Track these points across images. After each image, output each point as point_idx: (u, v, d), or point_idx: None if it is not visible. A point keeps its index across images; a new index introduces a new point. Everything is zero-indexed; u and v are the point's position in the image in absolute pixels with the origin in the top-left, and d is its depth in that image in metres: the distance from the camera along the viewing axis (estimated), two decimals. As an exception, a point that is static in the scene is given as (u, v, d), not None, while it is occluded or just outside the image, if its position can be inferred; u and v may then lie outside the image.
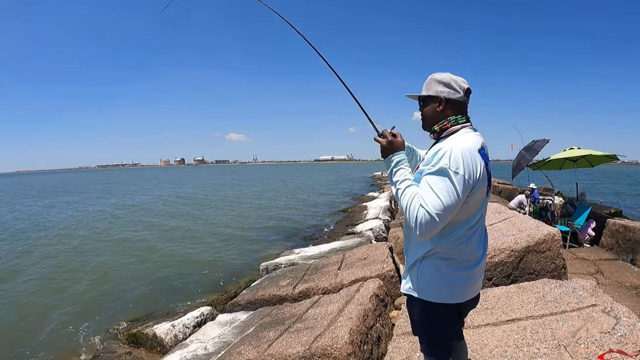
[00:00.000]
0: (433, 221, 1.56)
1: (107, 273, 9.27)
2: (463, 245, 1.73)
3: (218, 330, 4.94)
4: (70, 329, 6.18)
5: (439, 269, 1.75)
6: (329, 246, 9.02)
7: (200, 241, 12.67)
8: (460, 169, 1.58)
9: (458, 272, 1.75)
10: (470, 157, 1.62)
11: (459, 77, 1.81)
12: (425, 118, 1.89)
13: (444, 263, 1.74)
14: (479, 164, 1.65)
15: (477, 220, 1.77)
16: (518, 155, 9.47)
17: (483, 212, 1.81)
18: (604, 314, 3.05)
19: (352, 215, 15.39)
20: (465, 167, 1.59)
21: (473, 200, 1.68)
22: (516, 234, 4.91)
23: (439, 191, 1.58)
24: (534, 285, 3.94)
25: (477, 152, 1.67)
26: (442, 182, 1.59)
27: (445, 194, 1.57)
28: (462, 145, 1.64)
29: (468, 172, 1.60)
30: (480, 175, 1.65)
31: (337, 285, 5.20)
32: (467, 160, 1.60)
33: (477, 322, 3.38)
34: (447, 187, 1.58)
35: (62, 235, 14.41)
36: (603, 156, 8.91)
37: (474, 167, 1.62)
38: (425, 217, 1.57)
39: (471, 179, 1.60)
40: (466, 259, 1.76)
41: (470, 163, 1.61)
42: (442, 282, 1.75)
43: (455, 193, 1.57)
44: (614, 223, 7.45)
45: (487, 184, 1.73)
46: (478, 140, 1.73)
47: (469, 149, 1.65)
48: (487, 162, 1.72)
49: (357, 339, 3.42)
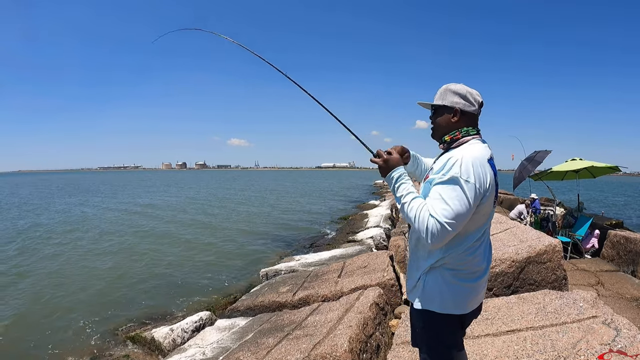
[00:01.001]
0: (444, 230, 1.57)
1: (106, 276, 9.26)
2: (470, 257, 1.75)
3: (217, 335, 4.92)
4: (68, 330, 6.17)
5: (445, 279, 1.76)
6: (329, 253, 8.99)
7: (200, 245, 12.65)
8: (471, 177, 1.60)
9: (463, 284, 1.76)
10: (481, 167, 1.64)
11: (474, 90, 1.83)
12: (437, 127, 1.89)
13: (450, 274, 1.75)
14: (489, 173, 1.68)
15: (484, 232, 1.79)
16: (520, 165, 9.46)
17: (489, 224, 1.82)
18: (604, 325, 3.04)
19: (353, 222, 15.36)
20: (476, 176, 1.61)
21: (482, 211, 1.70)
22: (517, 244, 4.91)
23: (450, 200, 1.60)
24: (534, 296, 3.94)
25: (487, 162, 1.70)
26: (453, 191, 1.61)
27: (456, 203, 1.59)
28: (473, 155, 1.67)
29: (479, 181, 1.62)
30: (490, 185, 1.67)
31: (337, 293, 5.18)
32: (477, 169, 1.63)
33: (477, 332, 3.37)
34: (458, 195, 1.60)
35: (63, 236, 14.37)
36: (605, 167, 8.91)
37: (484, 176, 1.64)
38: (435, 226, 1.58)
39: (482, 187, 1.63)
40: (472, 270, 1.77)
41: (481, 172, 1.63)
42: (447, 292, 1.76)
43: (466, 202, 1.59)
44: (615, 234, 7.43)
45: (495, 194, 1.75)
46: (487, 151, 1.76)
47: (480, 158, 1.67)
48: (495, 172, 1.75)
49: (357, 347, 3.40)
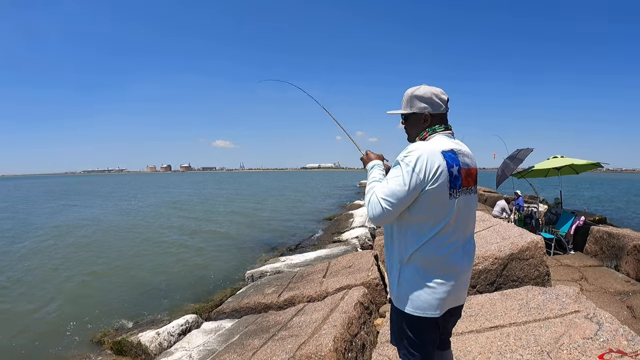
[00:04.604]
0: (379, 205, 1.69)
1: (92, 280, 9.10)
2: (438, 256, 1.73)
3: (203, 338, 4.88)
4: (53, 337, 6.03)
5: (415, 279, 1.76)
6: (314, 254, 8.99)
7: (185, 249, 12.51)
8: (412, 162, 1.67)
9: (433, 284, 1.74)
10: (428, 155, 1.68)
11: (437, 89, 1.86)
12: (410, 133, 1.95)
13: (419, 273, 1.75)
14: (437, 162, 1.68)
15: (448, 228, 1.74)
16: (502, 164, 9.56)
17: (457, 220, 1.76)
18: (586, 320, 3.08)
19: (338, 223, 15.36)
20: (418, 161, 1.66)
21: (431, 199, 1.68)
22: (500, 241, 4.95)
23: (390, 180, 1.71)
24: (517, 292, 3.97)
25: (440, 152, 1.70)
26: (393, 172, 1.73)
27: (392, 182, 1.69)
28: (424, 145, 1.73)
29: (420, 166, 1.66)
30: (437, 174, 1.67)
31: (322, 293, 5.17)
32: (422, 156, 1.67)
33: (461, 329, 3.38)
34: (396, 176, 1.69)
35: (45, 240, 14.12)
36: (587, 164, 9.05)
37: (429, 163, 1.66)
38: (373, 202, 1.72)
39: (422, 173, 1.65)
40: (443, 270, 1.75)
41: (426, 160, 1.67)
42: (417, 292, 1.76)
43: (402, 182, 1.66)
44: (598, 230, 7.55)
45: (450, 185, 1.71)
46: (447, 144, 1.77)
47: (430, 148, 1.71)
48: (452, 164, 1.72)
49: (342, 346, 3.39)
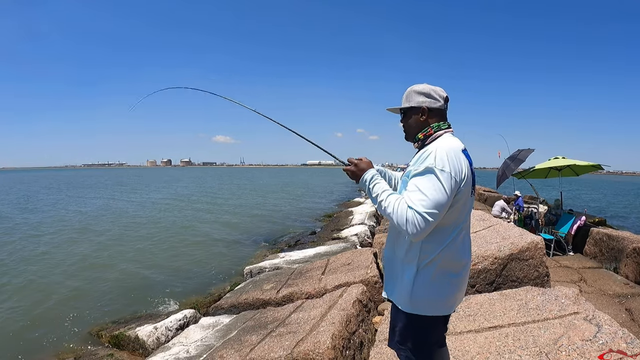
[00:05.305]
0: (424, 220, 1.55)
1: (91, 274, 9.07)
2: (458, 253, 1.75)
3: (201, 333, 4.87)
4: (51, 331, 6.03)
5: (434, 280, 1.73)
6: (313, 251, 8.98)
7: (184, 244, 12.50)
8: (446, 166, 1.60)
9: (450, 281, 1.74)
10: (455, 156, 1.65)
11: (437, 87, 1.87)
12: (408, 129, 1.92)
13: (438, 274, 1.72)
14: (464, 163, 1.68)
15: (465, 225, 1.79)
16: (503, 164, 9.58)
17: (469, 217, 1.83)
18: (585, 321, 3.07)
19: (338, 220, 15.31)
20: (451, 165, 1.61)
21: (460, 201, 1.69)
22: (500, 241, 4.94)
23: (427, 190, 1.58)
24: (516, 292, 3.96)
25: (461, 152, 1.71)
26: (429, 181, 1.60)
27: (433, 192, 1.57)
28: (447, 145, 1.68)
29: (454, 169, 1.61)
30: (466, 175, 1.68)
31: (320, 290, 5.16)
32: (452, 159, 1.63)
33: (460, 328, 3.38)
34: (434, 185, 1.58)
35: (46, 234, 14.15)
36: (587, 166, 9.04)
37: (459, 165, 1.65)
38: (415, 217, 1.55)
39: (457, 176, 1.62)
40: (457, 266, 1.76)
41: (456, 162, 1.64)
42: (436, 294, 1.74)
43: (443, 190, 1.57)
44: (597, 232, 7.54)
45: (472, 185, 1.76)
46: (460, 142, 1.78)
47: (454, 148, 1.68)
48: (471, 162, 1.76)
49: (340, 344, 3.38)
